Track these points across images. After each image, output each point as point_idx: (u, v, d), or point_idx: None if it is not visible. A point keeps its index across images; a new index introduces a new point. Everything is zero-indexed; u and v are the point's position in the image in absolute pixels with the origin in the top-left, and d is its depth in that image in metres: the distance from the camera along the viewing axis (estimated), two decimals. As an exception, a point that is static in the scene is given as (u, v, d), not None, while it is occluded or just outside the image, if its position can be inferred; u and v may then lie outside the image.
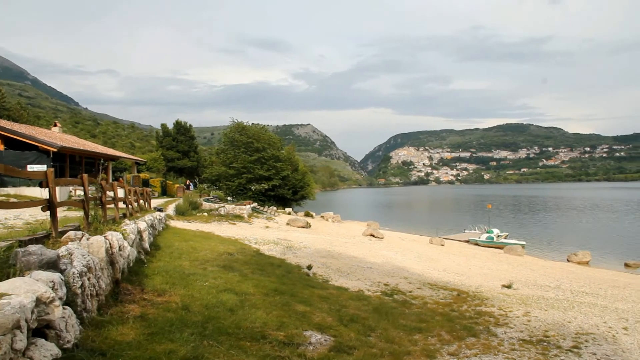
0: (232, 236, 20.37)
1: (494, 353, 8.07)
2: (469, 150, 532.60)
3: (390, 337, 8.06)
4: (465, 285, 16.14)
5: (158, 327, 5.59)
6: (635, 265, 30.40)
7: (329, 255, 19.04)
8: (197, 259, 11.83)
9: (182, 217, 26.47)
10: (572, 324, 10.83)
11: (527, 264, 27.56)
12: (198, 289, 8.23)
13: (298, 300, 9.43)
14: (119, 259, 7.00)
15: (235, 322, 6.73)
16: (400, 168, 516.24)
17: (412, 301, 12.05)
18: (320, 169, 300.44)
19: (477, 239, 40.83)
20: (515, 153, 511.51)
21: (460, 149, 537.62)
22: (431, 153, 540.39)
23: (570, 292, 17.21)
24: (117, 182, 13.84)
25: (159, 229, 15.86)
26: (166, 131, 68.64)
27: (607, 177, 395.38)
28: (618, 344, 9.33)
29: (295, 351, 6.24)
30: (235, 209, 31.83)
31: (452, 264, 23.00)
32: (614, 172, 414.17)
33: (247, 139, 53.03)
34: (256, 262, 13.51)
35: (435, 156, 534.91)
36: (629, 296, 17.35)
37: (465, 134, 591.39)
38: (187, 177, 61.69)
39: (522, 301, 13.48)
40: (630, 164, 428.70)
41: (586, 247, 34.76)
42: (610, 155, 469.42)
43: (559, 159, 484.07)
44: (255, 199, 47.91)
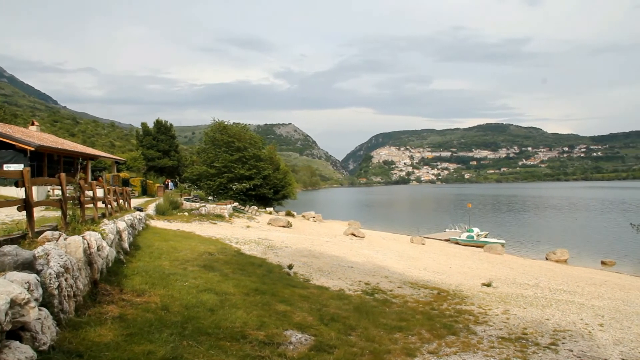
0: (213, 236, 20.27)
1: (474, 351, 8.12)
2: (450, 149, 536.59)
3: (370, 336, 8.07)
4: (446, 283, 16.24)
5: (137, 328, 5.53)
6: (611, 263, 30.90)
7: (310, 254, 19.03)
8: (177, 259, 11.74)
9: (162, 216, 26.26)
10: (550, 321, 10.96)
11: (506, 262, 27.81)
12: (178, 289, 8.16)
13: (279, 299, 9.41)
14: (98, 259, 6.92)
15: (215, 322, 6.69)
16: (382, 167, 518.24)
17: (392, 300, 12.09)
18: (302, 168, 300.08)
19: (458, 237, 41.13)
20: (495, 153, 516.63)
21: (441, 148, 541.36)
22: (412, 152, 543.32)
23: (548, 290, 17.40)
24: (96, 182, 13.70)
25: (139, 229, 15.72)
26: (146, 130, 68.03)
27: (585, 177, 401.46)
28: (594, 340, 9.46)
29: (275, 351, 6.22)
30: (216, 209, 31.67)
31: (432, 263, 23.13)
32: (592, 171, 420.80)
33: (228, 138, 52.81)
34: (237, 262, 13.46)
35: (416, 156, 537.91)
36: (605, 293, 17.62)
37: (446, 134, 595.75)
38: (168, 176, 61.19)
39: (501, 299, 13.60)
40: (607, 163, 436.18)
41: (564, 246, 35.23)
42: (587, 155, 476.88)
43: (538, 159, 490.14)
44: (236, 198, 47.74)
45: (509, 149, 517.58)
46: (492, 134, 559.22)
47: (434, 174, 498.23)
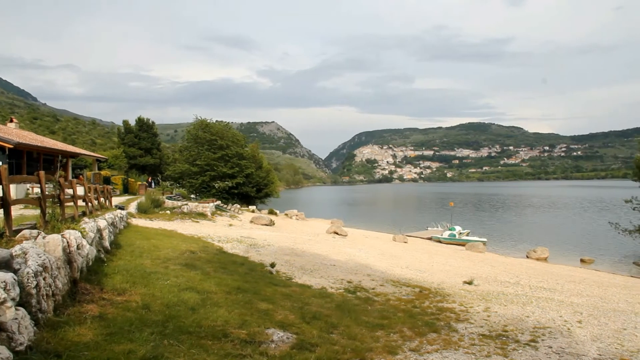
0: (195, 234, 20.18)
1: (455, 348, 8.17)
2: (432, 148, 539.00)
3: (352, 334, 8.09)
4: (428, 281, 16.33)
5: (117, 327, 5.48)
6: (589, 261, 31.35)
7: (293, 252, 19.03)
8: (158, 258, 11.66)
9: (144, 215, 26.07)
10: (530, 319, 11.07)
11: (488, 260, 28.06)
12: (159, 287, 8.11)
13: (261, 298, 9.40)
14: (77, 257, 6.85)
15: (196, 320, 6.66)
16: (364, 166, 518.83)
17: (374, 298, 12.13)
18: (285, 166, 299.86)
19: (440, 236, 41.39)
20: (477, 152, 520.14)
21: (424, 147, 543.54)
22: (395, 151, 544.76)
23: (529, 287, 17.59)
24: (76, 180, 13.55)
25: (120, 227, 15.58)
26: (128, 128, 67.47)
27: (565, 176, 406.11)
28: (572, 337, 9.59)
29: (257, 349, 6.20)
30: (199, 207, 31.50)
31: (414, 261, 23.24)
32: (571, 170, 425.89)
33: (211, 136, 52.60)
34: (219, 260, 13.40)
35: (399, 154, 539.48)
36: (583, 290, 17.87)
37: (429, 133, 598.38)
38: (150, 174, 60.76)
39: (482, 297, 13.70)
40: (587, 162, 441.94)
41: (544, 244, 35.67)
42: (568, 154, 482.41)
43: (520, 158, 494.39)
44: (218, 196, 47.56)
45: (490, 148, 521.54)
46: (474, 133, 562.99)
47: (416, 173, 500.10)
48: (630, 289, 19.93)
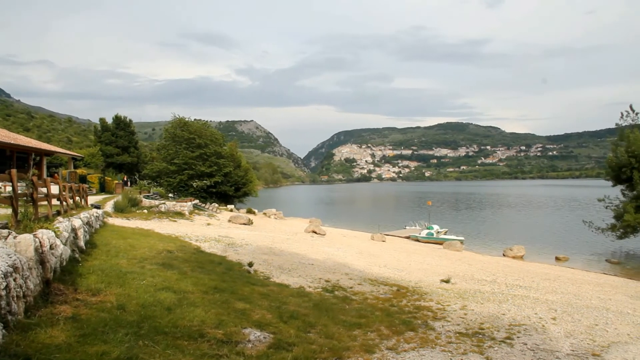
0: (173, 233, 20.03)
1: (431, 346, 8.22)
2: (411, 148, 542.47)
3: (330, 333, 8.09)
4: (405, 280, 16.42)
5: (91, 328, 5.39)
6: (564, 258, 31.84)
7: (271, 252, 18.99)
8: (135, 257, 11.52)
9: (121, 214, 25.80)
10: (506, 316, 11.19)
11: (465, 259, 28.31)
12: (135, 287, 8.00)
13: (238, 297, 9.34)
14: (51, 258, 6.73)
15: (172, 321, 6.58)
16: (343, 165, 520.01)
17: (352, 297, 12.15)
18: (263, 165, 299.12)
19: (418, 235, 41.68)
20: (455, 151, 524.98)
21: (402, 146, 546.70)
22: (374, 150, 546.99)
23: (505, 285, 17.77)
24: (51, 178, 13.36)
25: (95, 227, 15.38)
26: (105, 126, 66.68)
27: (541, 175, 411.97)
28: (547, 334, 9.73)
29: (233, 349, 6.16)
30: (176, 206, 31.28)
31: (392, 260, 23.34)
32: (547, 170, 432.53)
33: (189, 134, 52.30)
34: (196, 260, 13.31)
35: (378, 154, 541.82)
36: (558, 288, 18.12)
37: (407, 132, 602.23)
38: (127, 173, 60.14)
39: (459, 295, 13.81)
40: (562, 162, 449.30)
41: (520, 242, 36.08)
42: (543, 154, 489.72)
43: (497, 157, 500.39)
44: (196, 195, 47.31)
45: (468, 148, 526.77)
46: (452, 133, 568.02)
47: (395, 172, 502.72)
48: (602, 286, 20.29)
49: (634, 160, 31.92)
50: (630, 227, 32.34)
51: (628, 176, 32.76)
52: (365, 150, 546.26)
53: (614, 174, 34.54)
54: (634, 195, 32.95)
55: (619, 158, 33.76)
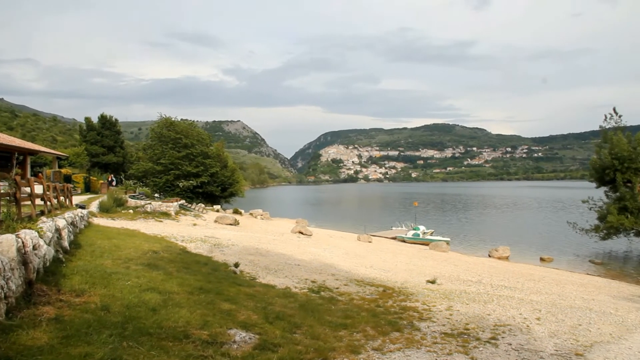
0: (158, 234, 19.91)
1: (417, 347, 8.26)
2: (397, 149, 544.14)
3: (315, 334, 8.09)
4: (391, 281, 16.46)
5: (74, 330, 5.35)
6: (549, 259, 32.11)
7: (257, 252, 18.95)
8: (120, 258, 11.45)
9: (106, 214, 25.61)
10: (491, 317, 11.27)
11: (451, 259, 28.43)
12: (119, 288, 7.95)
13: (223, 298, 9.31)
14: (34, 258, 6.67)
15: (157, 321, 6.55)
16: (330, 166, 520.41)
17: (338, 298, 12.16)
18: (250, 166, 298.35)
19: (404, 235, 41.76)
20: (441, 152, 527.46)
21: (389, 147, 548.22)
22: (360, 151, 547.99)
23: (490, 286, 17.89)
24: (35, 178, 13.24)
25: (80, 227, 15.25)
26: (90, 125, 66.15)
27: (527, 177, 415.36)
28: (531, 334, 9.82)
29: (219, 350, 6.15)
30: (162, 206, 31.10)
31: (379, 261, 23.39)
32: (532, 171, 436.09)
33: (176, 134, 52.04)
34: (182, 260, 13.24)
35: (365, 154, 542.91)
36: (543, 288, 18.29)
37: (394, 133, 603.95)
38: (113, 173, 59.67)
39: (445, 296, 13.87)
40: (547, 164, 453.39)
41: (506, 243, 36.35)
42: (529, 155, 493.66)
43: (483, 159, 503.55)
44: (183, 196, 47.08)
45: (454, 149, 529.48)
46: (438, 134, 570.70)
47: (381, 173, 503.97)
48: (586, 286, 20.51)
49: (617, 162, 32.27)
50: (613, 228, 32.67)
51: (611, 178, 33.11)
52: (352, 151, 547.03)
53: (598, 176, 34.88)
54: (617, 197, 33.31)
55: (603, 160, 34.11)
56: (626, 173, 32.11)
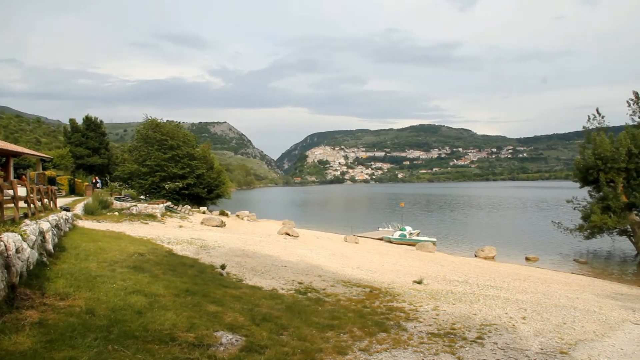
0: (144, 236, 19.77)
1: (404, 347, 8.29)
2: (384, 150, 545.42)
3: (302, 335, 8.09)
4: (378, 281, 16.51)
5: (58, 334, 5.30)
6: (534, 259, 32.39)
7: (244, 254, 18.90)
8: (105, 260, 11.36)
9: (91, 216, 25.41)
10: (477, 316, 11.35)
11: (437, 260, 28.57)
12: (105, 291, 7.90)
13: (210, 300, 9.28)
14: (16, 261, 6.59)
15: (143, 324, 6.52)
16: (317, 167, 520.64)
17: (325, 299, 12.17)
18: (236, 167, 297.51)
19: (391, 236, 41.87)
20: (427, 153, 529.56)
21: (375, 148, 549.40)
22: (347, 152, 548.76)
23: (476, 286, 18.02)
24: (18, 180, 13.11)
25: (65, 230, 15.10)
26: (75, 127, 65.54)
27: (512, 177, 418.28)
28: (517, 333, 9.91)
29: (205, 352, 6.13)
30: (148, 208, 30.91)
31: (365, 261, 23.44)
32: (518, 172, 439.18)
33: (161, 136, 51.77)
34: (168, 263, 13.17)
35: (351, 155, 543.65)
36: (528, 288, 18.45)
37: (380, 134, 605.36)
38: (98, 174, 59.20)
39: (431, 296, 13.94)
40: (532, 164, 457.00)
41: (492, 243, 36.57)
42: (514, 156, 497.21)
43: (468, 159, 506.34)
44: (169, 197, 46.85)
45: (440, 150, 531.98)
46: (424, 135, 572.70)
47: (368, 174, 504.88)
48: (570, 285, 20.72)
49: (600, 162, 32.63)
50: (597, 227, 33.03)
51: (595, 178, 33.47)
52: (339, 152, 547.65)
53: (582, 176, 35.23)
54: (600, 197, 33.67)
55: (586, 160, 34.46)
56: (609, 173, 32.48)
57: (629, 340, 10.24)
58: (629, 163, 32.08)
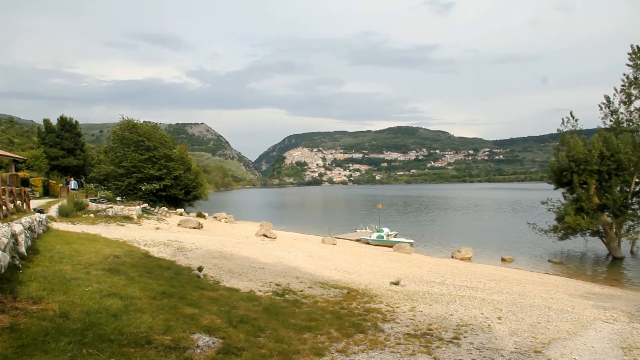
0: (120, 238, 19.57)
1: (381, 348, 8.34)
2: (361, 151, 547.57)
3: (279, 337, 8.09)
4: (356, 283, 16.55)
5: (30, 338, 5.22)
6: (510, 259, 32.79)
7: (221, 256, 18.81)
8: (80, 263, 11.21)
9: (66, 218, 25.06)
10: (453, 317, 11.47)
11: (414, 261, 28.74)
12: (79, 294, 7.80)
13: (187, 302, 9.23)
14: (-12, 265, 6.49)
15: (118, 327, 6.46)
16: (294, 168, 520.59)
17: (303, 300, 12.17)
18: (214, 168, 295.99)
19: (368, 237, 42.03)
20: (405, 155, 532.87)
21: (353, 150, 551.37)
22: (325, 154, 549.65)
23: (453, 286, 18.18)
24: (-11, 182, 12.88)
25: (38, 232, 14.87)
26: (49, 127, 64.56)
27: (488, 179, 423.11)
28: (492, 333, 10.04)
29: (182, 355, 6.10)
30: (124, 210, 30.57)
31: (343, 263, 23.48)
32: (494, 173, 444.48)
33: (138, 137, 51.22)
34: (144, 265, 13.05)
35: (329, 157, 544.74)
36: (504, 288, 18.67)
37: (358, 136, 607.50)
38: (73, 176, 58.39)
39: (408, 297, 14.04)
40: (507, 166, 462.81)
41: (468, 244, 36.92)
42: (490, 158, 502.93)
43: (446, 161, 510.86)
44: (145, 199, 46.36)
45: (418, 151, 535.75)
46: (402, 137, 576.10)
47: (346, 175, 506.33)
48: (545, 285, 21.02)
49: (573, 164, 33.20)
50: (570, 228, 33.61)
51: (568, 180, 34.06)
52: (317, 154, 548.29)
53: (556, 178, 35.81)
54: (574, 198, 34.29)
55: (560, 162, 35.04)
56: (582, 175, 33.08)
57: (599, 338, 10.46)
58: (601, 165, 32.73)
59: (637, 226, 34.38)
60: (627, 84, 33.83)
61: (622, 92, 34.13)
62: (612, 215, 33.97)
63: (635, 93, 33.63)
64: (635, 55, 33.28)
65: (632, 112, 34.36)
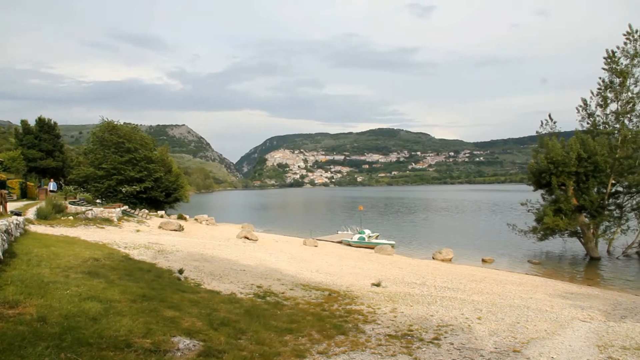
0: (100, 241, 19.39)
1: (362, 349, 8.39)
2: (343, 153, 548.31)
3: (261, 339, 8.08)
4: (337, 284, 16.60)
5: (6, 343, 5.14)
6: (490, 260, 33.07)
7: (202, 258, 18.74)
8: (58, 266, 11.07)
9: (44, 221, 24.73)
10: (434, 317, 11.56)
11: (396, 262, 28.84)
12: (58, 298, 7.70)
13: (167, 305, 9.17)
14: (-35, 268, 6.40)
15: (97, 331, 6.39)
16: (276, 170, 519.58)
17: (284, 302, 12.17)
18: (195, 170, 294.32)
19: (350, 239, 42.08)
20: (386, 157, 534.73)
21: (335, 152, 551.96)
22: (306, 156, 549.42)
23: (434, 287, 18.30)
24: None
25: (15, 235, 14.68)
26: (27, 128, 63.68)
27: (469, 180, 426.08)
28: (472, 333, 10.15)
29: (162, 358, 6.06)
30: (104, 212, 30.30)
31: (324, 265, 23.52)
32: (474, 175, 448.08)
33: (118, 138, 50.83)
34: (124, 268, 12.93)
35: (310, 159, 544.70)
36: (484, 289, 18.84)
37: (340, 138, 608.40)
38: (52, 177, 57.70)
39: (390, 298, 14.11)
40: (488, 168, 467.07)
41: (449, 245, 37.15)
42: (471, 160, 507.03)
43: (427, 163, 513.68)
44: (126, 201, 46.02)
45: (399, 153, 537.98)
46: (383, 139, 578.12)
47: (327, 177, 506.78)
48: (524, 286, 21.25)
49: (552, 166, 33.63)
50: (549, 229, 34.07)
51: (547, 181, 34.49)
52: (298, 156, 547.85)
53: (535, 179, 36.24)
54: (553, 200, 34.75)
55: (539, 164, 35.45)
56: (560, 176, 33.53)
57: (577, 337, 10.62)
58: (579, 167, 33.21)
59: (613, 227, 34.94)
60: (602, 87, 34.38)
61: (599, 95, 34.68)
62: (589, 216, 34.47)
63: (611, 96, 34.19)
64: (611, 59, 33.81)
65: (608, 114, 34.92)
